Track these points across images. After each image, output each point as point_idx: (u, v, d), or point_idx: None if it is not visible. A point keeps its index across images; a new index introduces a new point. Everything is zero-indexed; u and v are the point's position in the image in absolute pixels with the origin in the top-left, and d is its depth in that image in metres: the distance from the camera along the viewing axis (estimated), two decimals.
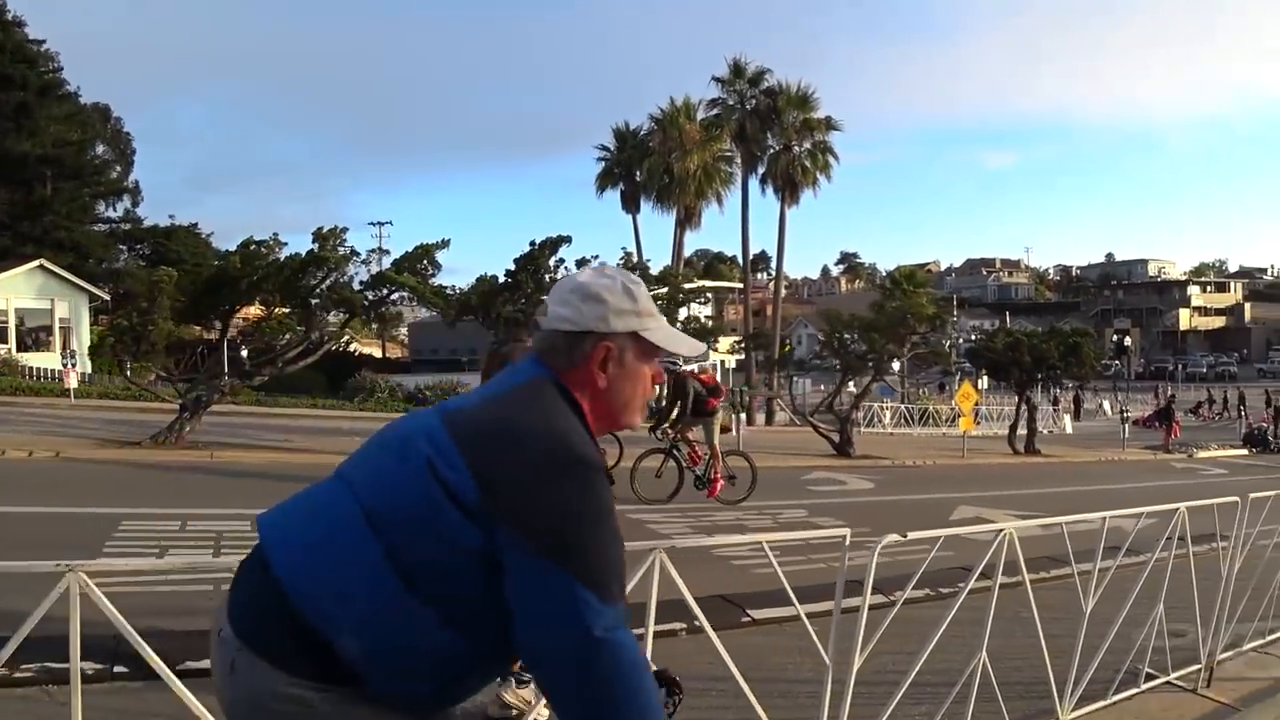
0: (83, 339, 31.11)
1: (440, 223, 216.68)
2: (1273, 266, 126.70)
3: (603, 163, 39.21)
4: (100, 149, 55.94)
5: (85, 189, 52.60)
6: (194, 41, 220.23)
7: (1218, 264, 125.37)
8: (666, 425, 11.60)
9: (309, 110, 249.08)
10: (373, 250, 14.68)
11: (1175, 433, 35.83)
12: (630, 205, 38.61)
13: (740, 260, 44.05)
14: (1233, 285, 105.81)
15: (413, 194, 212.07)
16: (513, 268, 15.14)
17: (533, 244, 15.10)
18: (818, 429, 20.47)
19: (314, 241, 14.36)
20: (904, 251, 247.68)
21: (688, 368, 12.12)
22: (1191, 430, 40.71)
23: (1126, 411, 31.88)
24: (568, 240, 15.12)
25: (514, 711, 4.08)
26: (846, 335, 19.93)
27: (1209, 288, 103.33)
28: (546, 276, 15.10)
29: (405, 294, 15.08)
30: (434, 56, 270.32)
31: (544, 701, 3.37)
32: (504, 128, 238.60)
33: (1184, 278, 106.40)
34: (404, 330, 75.02)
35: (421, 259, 14.94)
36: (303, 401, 30.36)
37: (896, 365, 46.24)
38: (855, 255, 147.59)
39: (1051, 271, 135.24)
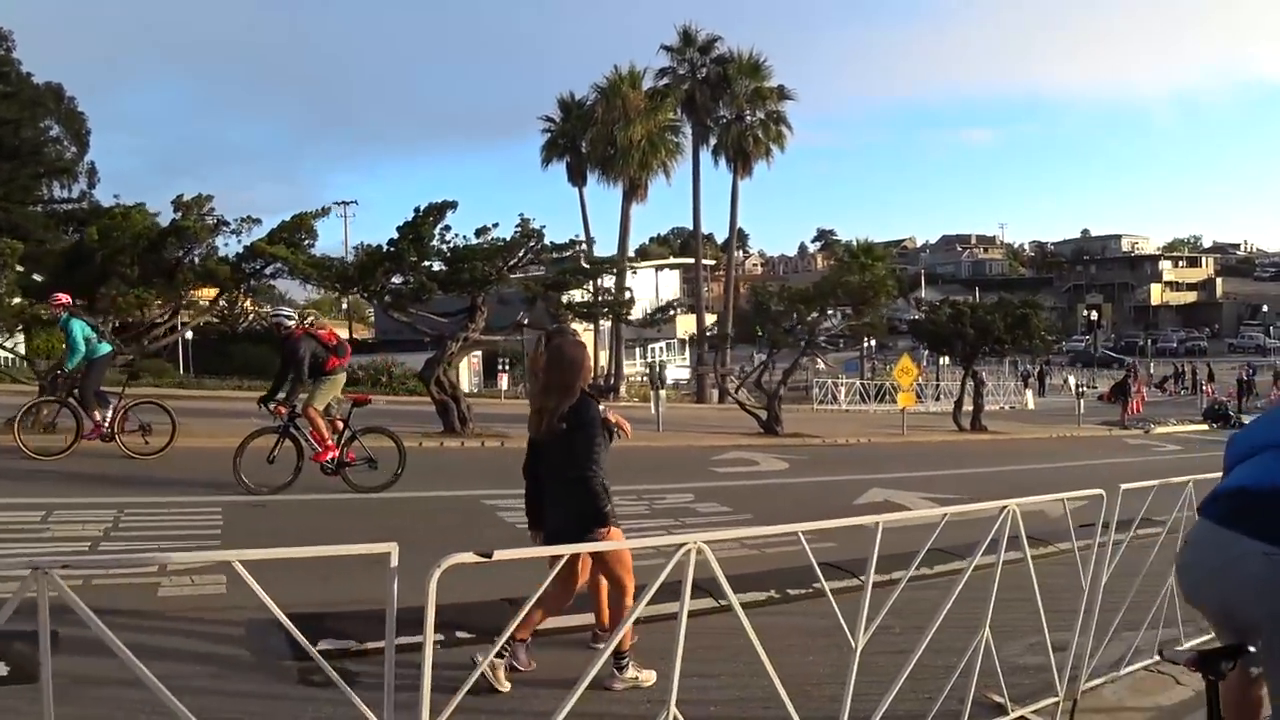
0: None
1: (414, 203, 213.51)
2: (1246, 242, 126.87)
3: (547, 134, 37.88)
4: (54, 130, 54.53)
5: (25, 169, 51.00)
6: (160, 24, 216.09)
7: (1192, 240, 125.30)
8: (278, 399, 9.82)
9: (281, 93, 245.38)
10: (243, 220, 13.53)
11: (1136, 408, 35.23)
12: (576, 178, 37.33)
13: (717, 238, 42.87)
14: (1205, 260, 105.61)
15: (389, 176, 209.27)
16: (395, 236, 14.04)
17: (417, 210, 14.02)
18: (744, 406, 19.53)
19: (175, 211, 13.24)
20: (881, 228, 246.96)
21: (297, 323, 10.41)
22: (1156, 405, 40.21)
23: (1083, 387, 31.08)
24: (453, 206, 14.05)
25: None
26: (773, 307, 18.96)
27: (1181, 263, 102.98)
28: (432, 244, 14.05)
29: (281, 266, 13.97)
30: (409, 39, 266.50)
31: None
32: (478, 110, 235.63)
33: (1157, 253, 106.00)
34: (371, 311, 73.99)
35: (297, 229, 13.86)
36: (229, 384, 29.24)
37: (871, 343, 45.51)
38: (832, 232, 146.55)
39: (1027, 247, 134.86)
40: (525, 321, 16.53)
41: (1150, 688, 5.16)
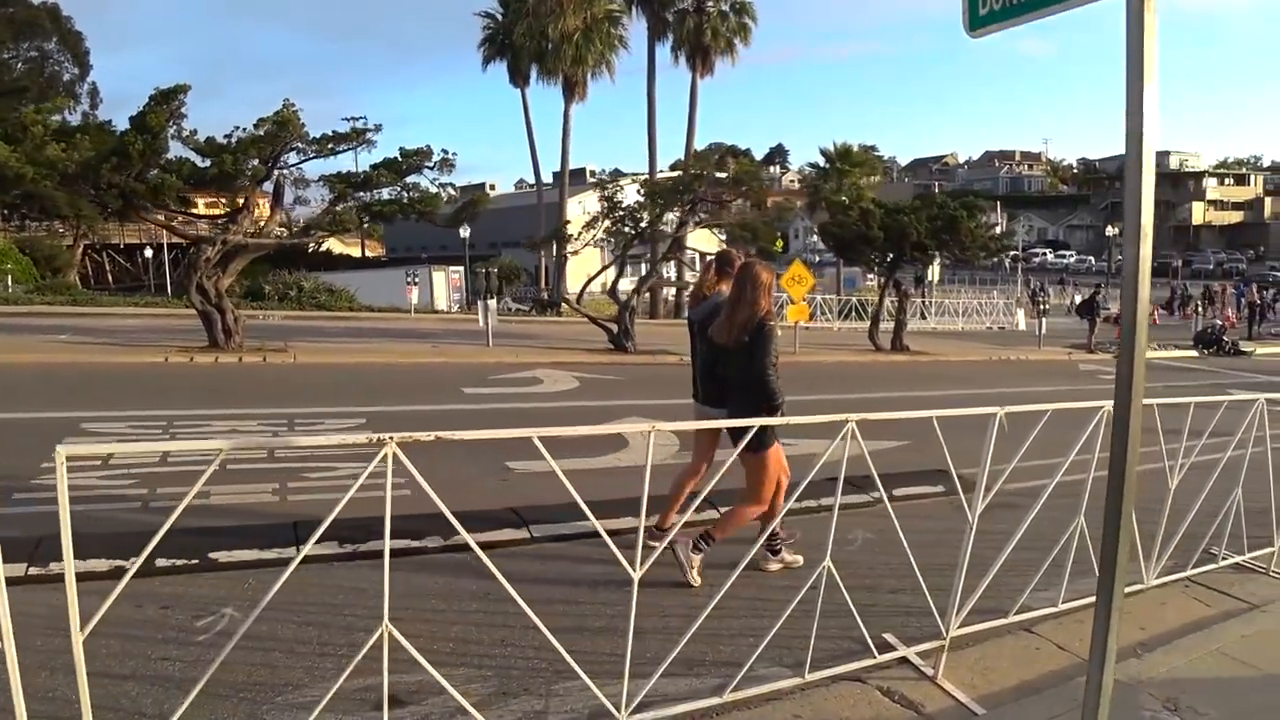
0: None
1: (455, 122, 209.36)
2: None
3: (486, 30, 35.30)
4: (55, 52, 54.85)
5: None
6: None
7: (1252, 160, 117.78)
8: None
9: (312, 5, 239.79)
10: None
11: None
12: (517, 79, 34.92)
13: (755, 154, 40.09)
14: (1253, 179, 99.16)
15: (429, 93, 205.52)
16: (127, 126, 12.39)
17: (152, 98, 12.32)
18: (593, 319, 17.74)
19: None
20: (924, 143, 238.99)
21: None
22: (1163, 329, 37.59)
23: (1044, 306, 28.66)
24: (185, 89, 12.32)
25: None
26: (620, 202, 16.82)
27: (1228, 181, 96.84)
28: (166, 135, 12.38)
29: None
30: None
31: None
32: None
33: (1200, 170, 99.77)
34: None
35: (22, 126, 12.26)
36: (127, 300, 28.37)
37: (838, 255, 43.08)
38: (873, 148, 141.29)
39: (1074, 164, 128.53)
40: (323, 223, 14.89)
41: None
